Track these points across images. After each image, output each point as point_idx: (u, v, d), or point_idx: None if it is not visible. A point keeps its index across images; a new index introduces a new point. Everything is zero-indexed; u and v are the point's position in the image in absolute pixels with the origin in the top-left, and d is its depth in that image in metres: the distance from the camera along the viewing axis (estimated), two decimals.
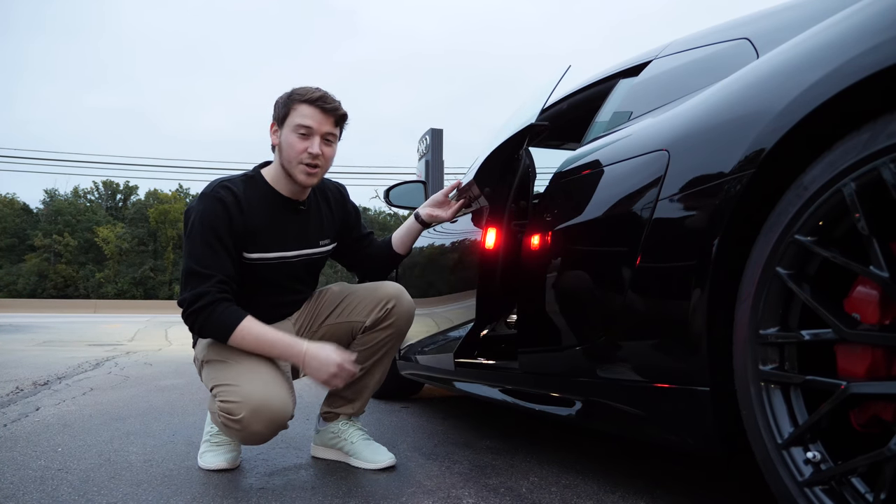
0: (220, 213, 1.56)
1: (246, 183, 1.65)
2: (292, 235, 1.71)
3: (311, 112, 1.60)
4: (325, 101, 1.61)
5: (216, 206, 1.57)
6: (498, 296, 1.78)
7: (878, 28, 0.79)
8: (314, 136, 1.60)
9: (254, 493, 1.43)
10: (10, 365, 4.38)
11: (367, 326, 1.77)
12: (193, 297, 1.50)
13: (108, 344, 6.99)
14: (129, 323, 14.01)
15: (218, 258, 1.54)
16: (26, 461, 1.70)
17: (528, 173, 1.79)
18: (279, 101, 1.64)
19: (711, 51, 1.45)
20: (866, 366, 0.80)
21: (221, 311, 1.51)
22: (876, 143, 0.76)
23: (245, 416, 1.45)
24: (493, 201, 1.75)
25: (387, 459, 1.67)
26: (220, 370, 1.56)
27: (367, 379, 1.80)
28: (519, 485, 1.50)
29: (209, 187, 1.61)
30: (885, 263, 0.74)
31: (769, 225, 0.91)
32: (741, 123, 1.00)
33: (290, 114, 1.61)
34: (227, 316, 1.51)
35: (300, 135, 1.60)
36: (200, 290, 1.50)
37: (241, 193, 1.61)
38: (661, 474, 1.62)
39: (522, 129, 1.64)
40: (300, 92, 1.61)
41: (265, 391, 1.49)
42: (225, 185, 1.61)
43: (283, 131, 1.62)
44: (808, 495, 0.84)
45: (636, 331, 1.20)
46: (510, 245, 1.72)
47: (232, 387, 1.49)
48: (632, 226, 1.20)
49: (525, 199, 1.78)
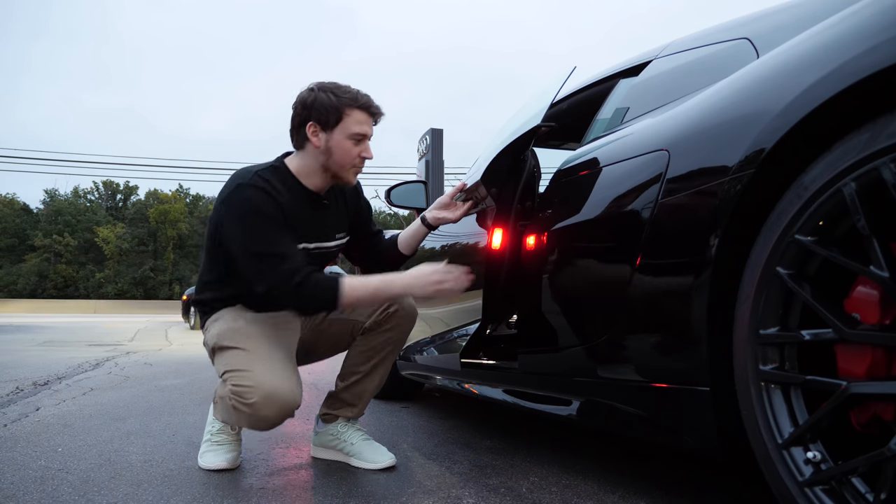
0: (266, 200, 1.54)
1: (275, 175, 1.61)
2: (314, 228, 1.71)
3: (365, 118, 1.60)
4: (377, 109, 1.62)
5: (262, 194, 1.54)
6: (504, 296, 1.78)
7: (878, 28, 0.79)
8: (366, 141, 1.63)
9: (254, 493, 1.43)
10: (10, 365, 4.38)
11: (367, 328, 1.77)
12: (286, 275, 1.48)
13: (108, 344, 6.99)
14: (129, 323, 14.01)
15: (285, 238, 1.54)
16: (26, 461, 1.70)
17: (533, 174, 1.79)
18: (323, 102, 1.57)
19: (711, 51, 1.45)
20: (866, 366, 0.80)
21: (319, 281, 1.51)
22: (876, 143, 0.76)
23: (257, 401, 1.48)
24: (500, 202, 1.74)
25: (387, 459, 1.67)
26: (233, 357, 1.58)
27: (366, 382, 1.80)
28: (519, 485, 1.50)
29: (245, 177, 1.56)
30: (885, 263, 0.74)
31: (769, 225, 0.91)
32: (741, 123, 1.00)
33: (344, 119, 1.58)
34: (327, 283, 1.51)
35: (355, 142, 1.60)
36: (289, 267, 1.49)
37: (276, 183, 1.59)
38: (661, 474, 1.62)
39: (529, 130, 1.64)
40: (348, 98, 1.58)
41: (277, 378, 1.52)
42: (261, 176, 1.57)
43: (335, 136, 1.58)
44: (809, 495, 0.84)
45: (636, 331, 1.20)
46: (516, 246, 1.72)
47: (245, 372, 1.52)
48: (632, 226, 1.20)
49: (531, 200, 1.78)
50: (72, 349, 6.12)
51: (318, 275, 1.52)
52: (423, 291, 1.53)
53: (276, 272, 1.49)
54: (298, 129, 1.62)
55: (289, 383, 1.53)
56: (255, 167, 1.63)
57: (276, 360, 1.57)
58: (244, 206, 1.53)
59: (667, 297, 1.12)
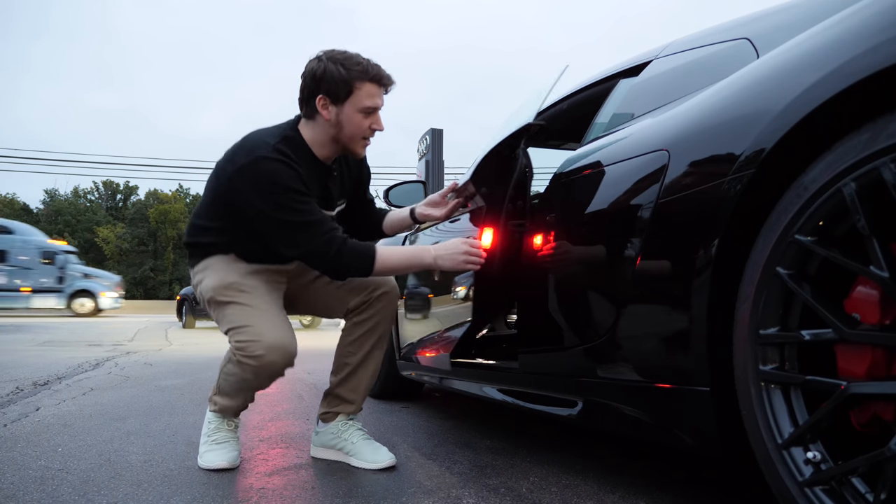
0: (289, 172, 1.53)
1: (290, 146, 1.60)
2: (322, 198, 1.71)
3: (376, 90, 1.59)
4: (388, 79, 1.60)
5: (281, 166, 1.53)
6: (496, 296, 1.78)
7: (877, 28, 0.79)
8: (377, 113, 1.62)
9: (254, 493, 1.43)
10: (10, 365, 4.38)
11: (350, 308, 1.80)
12: (325, 243, 1.54)
13: (108, 344, 6.99)
14: (129, 323, 14.01)
15: (313, 205, 1.57)
16: (26, 461, 1.70)
17: (525, 173, 1.79)
18: (333, 76, 1.54)
19: (711, 51, 1.45)
20: (866, 366, 0.81)
21: (353, 247, 1.57)
22: (876, 143, 0.76)
23: (261, 353, 1.56)
24: (491, 201, 1.75)
25: (387, 459, 1.67)
26: (234, 312, 1.64)
27: (360, 373, 1.81)
28: (519, 485, 1.50)
29: (264, 149, 1.54)
30: (885, 263, 0.74)
31: (769, 225, 0.91)
32: (741, 123, 1.00)
33: (355, 93, 1.56)
34: (362, 250, 1.58)
35: (366, 114, 1.59)
36: (326, 236, 1.54)
37: (293, 155, 1.58)
38: (661, 474, 1.62)
39: (519, 128, 1.64)
40: (359, 70, 1.55)
41: (277, 330, 1.61)
42: (278, 149, 1.55)
43: (345, 109, 1.58)
44: (809, 495, 0.84)
45: (636, 331, 1.20)
46: (508, 245, 1.72)
47: (247, 328, 1.60)
48: (632, 226, 1.20)
49: (522, 199, 1.79)
50: (72, 349, 6.11)
51: (353, 242, 1.58)
52: (451, 264, 1.62)
53: (314, 240, 1.54)
54: (308, 101, 1.60)
55: (288, 334, 1.62)
56: (269, 135, 1.60)
57: (273, 314, 1.64)
58: (271, 180, 1.51)
59: (667, 297, 1.12)
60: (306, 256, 1.59)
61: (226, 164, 1.58)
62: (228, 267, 1.69)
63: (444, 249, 1.62)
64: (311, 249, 1.55)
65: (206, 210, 1.71)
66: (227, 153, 1.60)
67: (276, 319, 1.64)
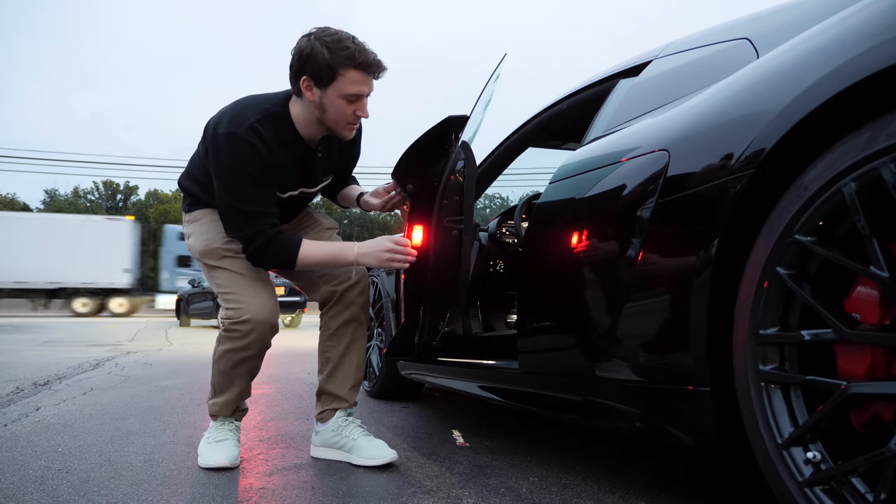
0: (252, 158, 1.56)
1: (273, 125, 1.60)
2: (302, 177, 1.74)
3: (362, 78, 1.53)
4: (377, 67, 1.55)
5: (248, 150, 1.56)
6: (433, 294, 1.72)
7: (877, 28, 0.79)
8: (363, 99, 1.58)
9: (254, 493, 1.43)
10: (11, 365, 4.38)
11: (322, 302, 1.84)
12: (250, 237, 1.60)
13: (107, 344, 6.99)
14: (128, 323, 14.01)
15: (261, 196, 1.60)
16: (27, 461, 1.70)
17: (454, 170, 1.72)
18: (317, 57, 1.50)
19: (711, 51, 1.45)
20: (866, 366, 0.81)
21: (280, 243, 1.62)
22: (876, 143, 0.76)
23: (246, 318, 1.64)
24: (417, 198, 1.71)
25: (388, 455, 1.67)
26: (220, 276, 1.71)
27: (345, 366, 1.83)
28: (519, 485, 1.50)
29: (241, 125, 1.55)
30: (885, 263, 0.74)
31: (769, 225, 0.91)
32: (741, 124, 1.00)
33: (338, 79, 1.52)
34: (287, 245, 1.62)
35: (350, 100, 1.55)
36: (254, 229, 1.59)
37: (270, 137, 1.59)
38: (661, 474, 1.62)
39: (440, 123, 1.63)
40: (345, 54, 1.50)
41: (259, 297, 1.68)
42: (255, 129, 1.56)
43: (328, 94, 1.54)
44: (809, 495, 0.84)
45: (636, 331, 1.20)
46: (444, 242, 1.68)
47: (232, 294, 1.68)
48: (632, 226, 1.20)
49: (460, 196, 1.72)
50: (72, 349, 6.11)
51: (281, 237, 1.62)
52: (375, 262, 1.65)
53: (242, 229, 1.60)
54: (294, 81, 1.59)
55: (269, 303, 1.69)
56: (256, 108, 1.60)
57: (256, 282, 1.71)
58: (232, 161, 1.56)
59: (667, 297, 1.12)
60: (232, 237, 1.66)
61: (212, 128, 1.61)
62: (213, 228, 1.73)
63: (367, 247, 1.64)
64: (236, 234, 1.63)
65: (199, 160, 1.75)
66: (218, 115, 1.63)
67: (259, 286, 1.70)
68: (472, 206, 1.75)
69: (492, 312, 2.69)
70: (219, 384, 1.76)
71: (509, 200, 15.54)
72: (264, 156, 1.57)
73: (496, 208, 28.28)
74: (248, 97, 1.67)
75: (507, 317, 2.75)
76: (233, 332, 1.66)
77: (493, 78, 1.72)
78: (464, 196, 1.71)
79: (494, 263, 2.45)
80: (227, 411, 1.78)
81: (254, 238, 1.59)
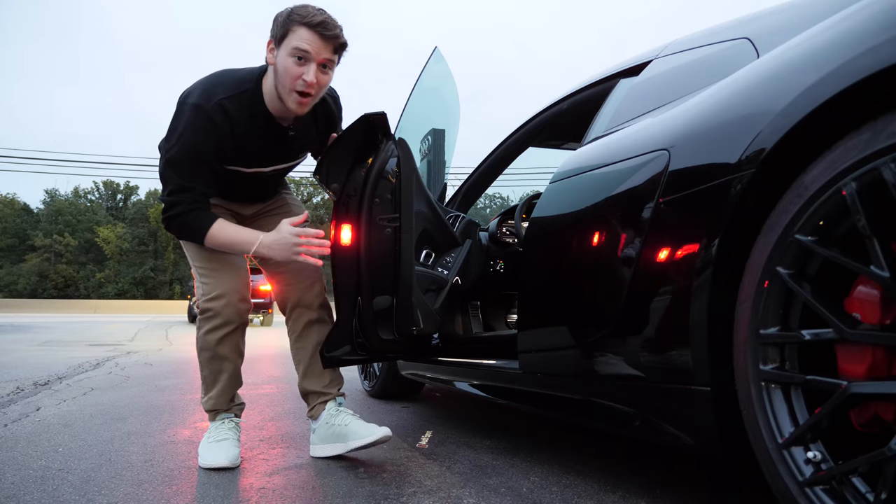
0: (210, 136, 1.61)
1: (243, 103, 1.64)
2: (274, 155, 1.78)
3: (310, 37, 1.55)
4: (326, 27, 1.55)
5: (208, 125, 1.60)
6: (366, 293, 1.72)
7: (877, 28, 0.79)
8: (311, 63, 1.57)
9: (254, 493, 1.43)
10: (11, 365, 4.38)
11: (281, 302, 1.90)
12: (170, 203, 1.64)
13: (108, 344, 7.00)
14: (129, 323, 14.01)
15: (197, 171, 1.63)
16: (27, 461, 1.70)
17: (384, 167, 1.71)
18: (278, 17, 1.59)
19: (711, 51, 1.45)
20: (867, 366, 0.81)
21: (192, 219, 1.65)
22: (876, 143, 0.76)
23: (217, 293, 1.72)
24: (346, 197, 1.69)
25: (381, 431, 1.68)
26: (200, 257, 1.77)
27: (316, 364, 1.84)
28: (519, 485, 1.50)
29: (209, 100, 1.60)
30: (886, 263, 0.74)
31: (769, 225, 0.91)
32: (742, 123, 1.00)
33: (289, 35, 1.56)
34: (199, 222, 1.65)
35: (297, 59, 1.56)
36: (175, 199, 1.63)
37: (237, 115, 1.63)
38: (661, 474, 1.62)
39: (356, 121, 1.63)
40: (300, 13, 1.56)
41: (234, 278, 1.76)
42: (223, 106, 1.60)
43: (280, 52, 1.58)
44: (809, 495, 0.84)
45: (636, 331, 1.20)
46: (377, 240, 1.68)
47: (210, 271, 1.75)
48: (632, 226, 1.20)
49: (391, 194, 1.71)
50: (72, 349, 6.12)
51: (195, 214, 1.65)
52: (280, 254, 1.67)
53: (168, 194, 1.64)
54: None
55: (241, 279, 1.77)
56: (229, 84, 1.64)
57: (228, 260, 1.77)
58: (186, 128, 1.60)
59: (667, 297, 1.12)
60: (160, 199, 1.70)
61: (184, 96, 1.66)
62: None
63: (272, 239, 1.66)
64: (161, 198, 1.68)
65: None
66: (193, 85, 1.68)
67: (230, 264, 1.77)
68: (411, 203, 1.73)
69: (492, 312, 2.69)
70: (208, 376, 1.80)
71: (509, 200, 15.49)
72: (224, 133, 1.62)
73: (496, 208, 28.28)
74: (224, 71, 1.72)
75: (507, 317, 2.75)
76: (208, 311, 1.73)
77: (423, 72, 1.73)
78: (400, 193, 1.71)
79: (494, 263, 2.45)
80: (222, 403, 1.80)
81: (172, 206, 1.63)
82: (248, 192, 1.91)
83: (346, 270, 1.70)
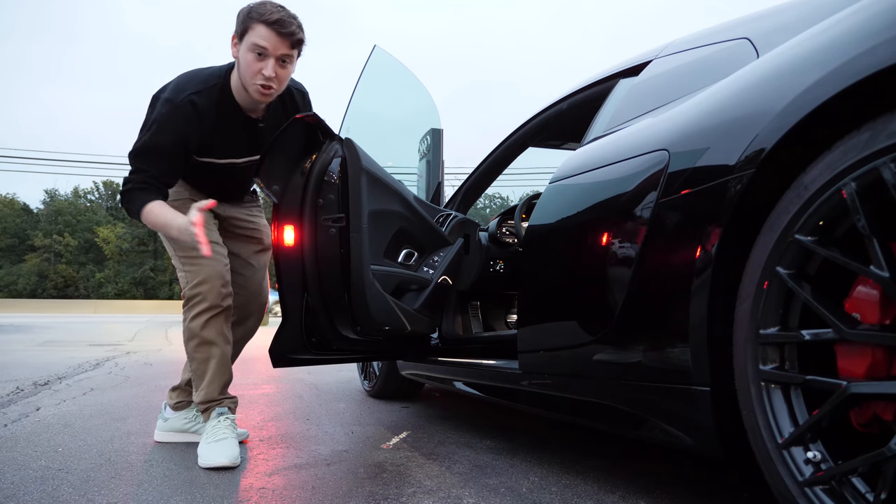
0: (180, 129, 1.71)
1: (212, 96, 1.74)
2: (246, 147, 1.88)
3: (267, 34, 1.65)
4: (283, 24, 1.65)
5: (180, 120, 1.70)
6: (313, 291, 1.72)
7: (877, 28, 0.79)
8: (269, 58, 1.67)
9: (254, 493, 1.43)
10: (11, 365, 4.38)
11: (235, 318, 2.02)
12: (125, 181, 1.75)
13: (108, 344, 7.00)
14: (128, 323, 14.01)
15: (159, 158, 1.73)
16: (27, 461, 1.70)
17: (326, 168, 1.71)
18: (240, 13, 1.68)
19: (711, 51, 1.45)
20: (866, 366, 0.81)
21: (136, 196, 1.72)
22: (876, 143, 0.76)
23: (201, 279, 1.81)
24: (286, 199, 1.70)
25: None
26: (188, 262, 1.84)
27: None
28: (519, 485, 1.50)
29: (180, 94, 1.71)
30: (886, 263, 0.74)
31: (769, 225, 0.91)
32: (741, 123, 1.00)
33: (248, 32, 1.66)
34: (140, 199, 1.72)
35: (256, 55, 1.66)
36: (131, 177, 1.73)
37: (207, 109, 1.72)
38: (661, 474, 1.62)
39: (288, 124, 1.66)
40: (259, 10, 1.65)
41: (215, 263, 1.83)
42: (192, 100, 1.71)
43: (242, 47, 1.69)
44: (809, 495, 0.84)
45: (636, 331, 1.20)
46: (322, 241, 1.69)
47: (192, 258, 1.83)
48: (632, 226, 1.20)
49: (335, 194, 1.71)
50: (72, 349, 6.12)
51: (142, 192, 1.72)
52: (186, 241, 1.70)
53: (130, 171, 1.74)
54: None
55: (221, 264, 1.85)
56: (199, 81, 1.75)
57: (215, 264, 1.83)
58: (158, 119, 1.70)
59: (667, 297, 1.12)
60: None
61: (158, 92, 1.77)
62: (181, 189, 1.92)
63: (183, 227, 1.66)
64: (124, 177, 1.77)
65: None
66: (169, 82, 1.78)
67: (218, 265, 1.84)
68: (359, 202, 1.72)
69: (492, 312, 2.69)
70: (198, 367, 1.84)
71: (509, 200, 15.44)
72: (192, 128, 1.71)
73: (496, 208, 28.28)
74: (195, 70, 1.82)
75: (507, 317, 2.76)
76: (194, 297, 1.81)
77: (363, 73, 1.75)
78: (348, 194, 1.71)
79: (494, 263, 2.45)
80: (213, 392, 1.83)
81: (125, 183, 1.74)
82: (223, 187, 1.98)
83: (289, 269, 1.72)
